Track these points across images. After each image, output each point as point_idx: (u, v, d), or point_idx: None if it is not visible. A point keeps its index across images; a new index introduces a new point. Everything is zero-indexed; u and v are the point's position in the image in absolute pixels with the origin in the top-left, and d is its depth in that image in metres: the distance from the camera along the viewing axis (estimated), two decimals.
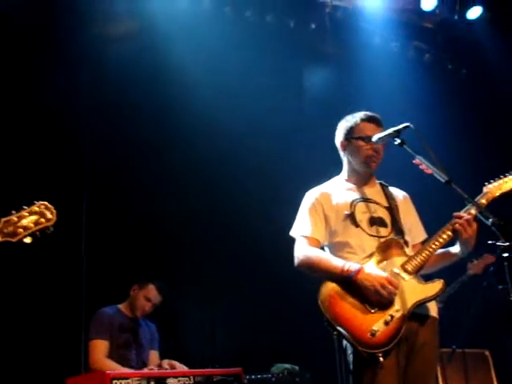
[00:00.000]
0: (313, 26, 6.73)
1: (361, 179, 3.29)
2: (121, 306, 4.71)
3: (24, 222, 2.56)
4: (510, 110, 6.91)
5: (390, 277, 2.89)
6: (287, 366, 5.31)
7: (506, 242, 2.54)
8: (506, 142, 6.88)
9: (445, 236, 3.02)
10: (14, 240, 2.53)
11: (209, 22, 6.13)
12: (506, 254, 2.54)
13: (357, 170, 3.29)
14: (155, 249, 5.70)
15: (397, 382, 2.86)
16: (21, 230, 2.54)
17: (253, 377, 4.95)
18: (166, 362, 4.47)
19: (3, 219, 2.53)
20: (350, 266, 2.93)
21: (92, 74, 5.59)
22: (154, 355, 4.76)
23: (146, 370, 4.23)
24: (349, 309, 2.89)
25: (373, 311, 2.87)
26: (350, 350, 2.94)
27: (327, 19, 6.70)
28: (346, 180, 3.33)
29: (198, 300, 5.88)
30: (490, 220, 2.60)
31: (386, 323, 2.83)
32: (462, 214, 2.99)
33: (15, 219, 2.55)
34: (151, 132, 5.85)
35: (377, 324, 2.82)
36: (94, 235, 5.33)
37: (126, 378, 3.74)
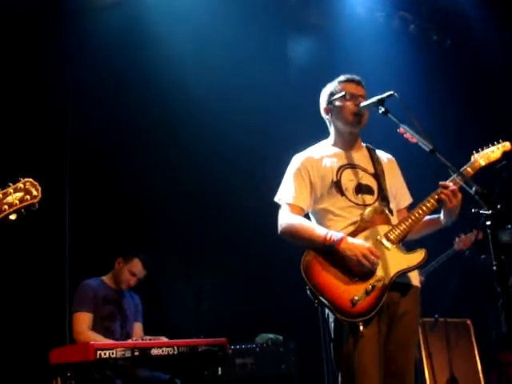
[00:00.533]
0: None
1: (347, 143, 3.26)
2: (105, 278, 4.71)
3: (9, 198, 2.53)
4: (495, 81, 6.92)
5: (373, 246, 2.89)
6: (271, 335, 5.36)
7: (489, 210, 2.54)
8: (490, 112, 6.90)
9: (429, 205, 3.01)
10: None
11: None
12: (488, 223, 2.54)
13: (343, 133, 3.26)
14: (139, 221, 5.68)
15: (378, 351, 2.88)
16: (6, 207, 2.52)
17: (237, 347, 5.00)
18: (147, 338, 4.47)
19: None
20: (333, 234, 2.92)
21: (77, 47, 5.49)
22: (138, 327, 4.77)
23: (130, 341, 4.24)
24: (330, 278, 2.89)
25: (354, 280, 2.87)
26: (331, 319, 2.96)
27: None
28: (333, 145, 3.30)
29: (183, 271, 5.90)
30: (474, 189, 2.60)
31: (367, 292, 2.84)
32: (447, 183, 2.98)
33: (0, 196, 2.52)
34: (135, 107, 5.78)
35: (358, 293, 2.83)
36: (77, 208, 5.29)
37: (111, 349, 3.74)
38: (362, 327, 2.79)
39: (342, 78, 3.28)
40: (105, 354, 3.69)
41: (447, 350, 5.69)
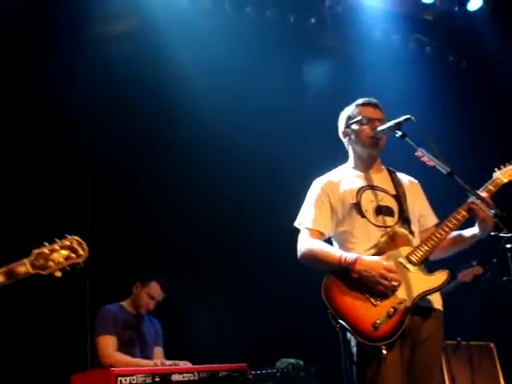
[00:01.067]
0: (313, 20, 6.70)
1: (366, 165, 3.27)
2: (124, 303, 4.72)
3: (55, 255, 2.55)
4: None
5: (389, 265, 2.87)
6: (292, 360, 5.32)
7: (509, 233, 2.52)
8: (508, 133, 6.87)
9: (459, 216, 2.98)
10: (44, 273, 2.53)
11: (208, 18, 6.10)
12: (509, 245, 2.52)
13: (362, 156, 3.27)
14: (158, 246, 5.70)
15: (401, 375, 2.85)
16: (51, 264, 2.54)
17: (258, 372, 4.96)
18: (168, 363, 4.45)
19: (35, 251, 2.53)
20: (347, 256, 2.92)
21: (91, 73, 5.56)
22: (158, 351, 4.76)
23: (151, 364, 4.23)
24: (351, 302, 2.88)
25: (375, 303, 2.85)
26: (353, 343, 2.93)
27: (327, 13, 6.68)
28: (353, 168, 3.31)
29: (202, 296, 5.89)
30: (493, 211, 2.59)
31: (389, 316, 2.81)
32: (478, 192, 2.94)
33: (47, 252, 2.54)
34: (151, 133, 5.82)
35: (380, 317, 2.81)
36: (97, 234, 5.32)
37: (131, 375, 3.75)
38: (385, 351, 2.76)
39: (359, 101, 3.30)
40: (126, 380, 3.70)
41: (470, 374, 5.62)
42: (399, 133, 2.95)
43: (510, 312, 5.55)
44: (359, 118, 3.21)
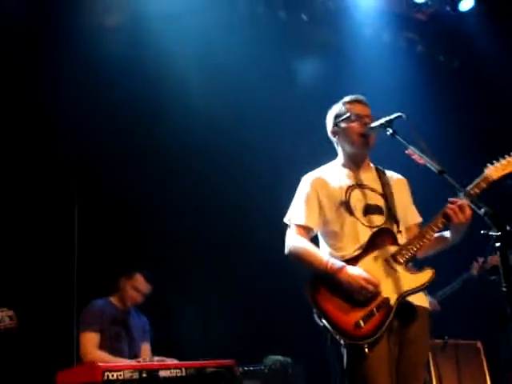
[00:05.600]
0: (305, 17, 6.70)
1: (355, 164, 3.26)
2: (111, 299, 4.71)
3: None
4: (502, 102, 6.91)
5: (369, 277, 2.86)
6: (280, 357, 5.32)
7: (498, 231, 2.52)
8: (498, 134, 6.88)
9: (438, 223, 2.98)
10: None
11: (200, 13, 6.07)
12: (498, 244, 2.51)
13: (351, 154, 3.26)
14: (145, 242, 5.67)
15: (389, 370, 2.86)
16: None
17: (245, 368, 4.95)
18: (156, 359, 4.44)
19: None
20: (333, 264, 2.92)
21: (80, 62, 5.51)
22: (145, 348, 4.75)
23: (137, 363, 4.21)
24: (334, 301, 2.89)
25: (357, 305, 2.86)
26: (342, 341, 2.93)
27: (319, 10, 6.67)
28: (342, 165, 3.30)
29: (190, 292, 5.87)
30: (482, 210, 2.59)
31: (373, 314, 2.83)
32: (456, 199, 2.95)
33: None
34: (141, 122, 5.77)
35: (362, 316, 2.82)
36: (85, 229, 5.30)
37: (119, 370, 3.72)
38: (366, 349, 2.76)
39: (347, 98, 3.29)
40: (112, 375, 3.66)
41: (457, 372, 5.63)
42: (390, 130, 2.95)
43: (498, 311, 5.57)
44: (348, 114, 3.20)
